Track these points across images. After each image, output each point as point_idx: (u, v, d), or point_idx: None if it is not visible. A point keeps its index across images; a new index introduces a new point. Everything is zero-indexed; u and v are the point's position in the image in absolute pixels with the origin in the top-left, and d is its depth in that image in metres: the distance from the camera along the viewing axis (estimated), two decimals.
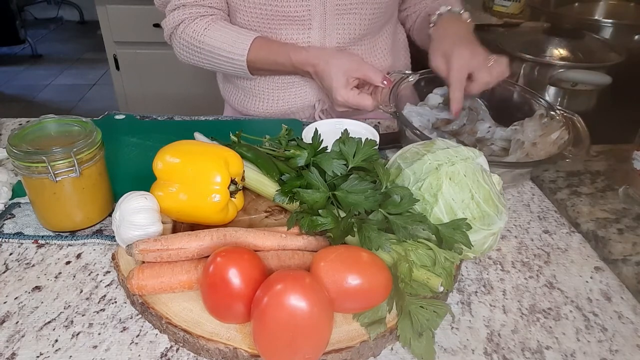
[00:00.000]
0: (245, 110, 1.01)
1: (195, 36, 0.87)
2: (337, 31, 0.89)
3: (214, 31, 0.86)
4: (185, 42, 0.89)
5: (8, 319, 0.51)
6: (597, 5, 1.56)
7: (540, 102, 0.81)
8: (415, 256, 0.50)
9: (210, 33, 0.86)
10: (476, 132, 0.79)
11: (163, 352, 0.48)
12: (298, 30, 0.88)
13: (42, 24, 4.42)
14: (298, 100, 0.95)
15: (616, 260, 0.61)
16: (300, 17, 0.86)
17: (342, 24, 0.89)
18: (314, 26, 0.87)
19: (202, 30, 0.87)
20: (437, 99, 0.86)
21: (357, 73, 0.80)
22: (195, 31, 0.87)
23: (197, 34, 0.87)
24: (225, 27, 0.87)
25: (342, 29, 0.89)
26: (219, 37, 0.86)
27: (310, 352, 0.43)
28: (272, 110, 0.97)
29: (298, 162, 0.61)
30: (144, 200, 0.54)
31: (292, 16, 0.85)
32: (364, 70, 0.80)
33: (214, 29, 0.87)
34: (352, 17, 0.89)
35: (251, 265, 0.46)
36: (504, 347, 0.50)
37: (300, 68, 0.85)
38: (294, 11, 0.85)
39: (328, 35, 0.89)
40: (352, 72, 0.80)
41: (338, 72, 0.80)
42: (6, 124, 0.91)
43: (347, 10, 0.87)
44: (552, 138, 0.71)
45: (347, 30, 0.90)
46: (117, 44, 2.05)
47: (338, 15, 0.87)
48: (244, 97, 0.99)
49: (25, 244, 0.61)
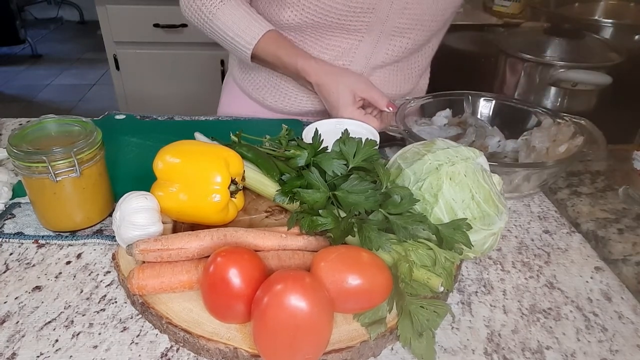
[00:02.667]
0: (264, 102, 0.98)
1: (207, 5, 0.84)
2: (386, 51, 0.88)
3: (228, 8, 0.83)
4: (195, 6, 0.85)
5: (8, 319, 0.51)
6: (597, 5, 1.56)
7: (543, 111, 0.82)
8: (416, 256, 0.50)
9: (224, 9, 0.83)
10: (487, 147, 0.80)
11: (163, 352, 0.48)
12: (348, 41, 0.86)
13: (42, 24, 4.42)
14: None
15: (616, 260, 0.61)
16: (355, 30, 0.84)
17: (392, 45, 0.87)
18: (365, 40, 0.86)
19: (217, 2, 0.83)
20: (442, 120, 0.87)
21: (364, 94, 0.79)
22: (211, 1, 0.83)
23: (212, 5, 0.83)
24: (241, 7, 0.84)
25: (392, 49, 0.88)
26: (232, 16, 0.83)
27: (311, 352, 0.43)
28: (295, 108, 0.96)
29: (298, 162, 0.61)
30: (144, 200, 0.54)
31: (349, 28, 0.83)
32: (370, 92, 0.79)
33: (230, 5, 0.83)
34: (405, 41, 0.87)
35: (251, 265, 0.46)
36: (504, 347, 0.50)
37: (303, 76, 0.83)
38: (352, 24, 0.83)
39: (376, 53, 0.88)
40: (360, 91, 0.79)
41: (345, 89, 0.79)
42: (6, 124, 0.91)
43: (402, 33, 0.86)
44: (565, 146, 0.72)
45: (395, 52, 0.88)
46: (117, 44, 2.05)
47: (392, 36, 0.86)
48: (269, 90, 0.97)
49: (26, 244, 0.61)
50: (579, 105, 1.18)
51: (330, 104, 0.82)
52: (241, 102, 1.03)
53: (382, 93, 0.80)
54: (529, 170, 0.69)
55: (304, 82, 0.86)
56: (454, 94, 0.88)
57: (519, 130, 0.82)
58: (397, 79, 0.95)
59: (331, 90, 0.81)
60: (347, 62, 0.88)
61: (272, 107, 0.98)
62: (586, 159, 0.70)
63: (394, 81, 0.95)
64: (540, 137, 0.76)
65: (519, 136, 0.81)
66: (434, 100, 0.88)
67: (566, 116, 0.78)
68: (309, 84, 0.84)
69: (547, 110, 0.82)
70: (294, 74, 0.86)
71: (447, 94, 0.88)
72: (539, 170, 0.69)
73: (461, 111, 0.87)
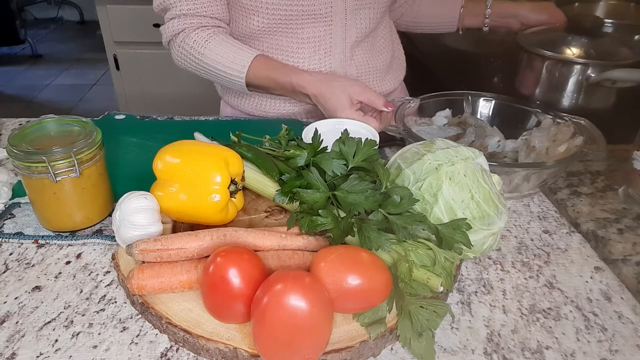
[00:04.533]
0: (245, 110, 1.01)
1: (195, 47, 0.87)
2: (356, 26, 0.91)
3: (214, 44, 0.86)
4: (184, 51, 0.89)
5: (8, 319, 0.51)
6: (597, 5, 1.55)
7: (543, 111, 0.82)
8: (415, 256, 0.50)
9: (210, 46, 0.86)
10: (487, 147, 0.80)
11: (163, 352, 0.48)
12: (319, 27, 0.89)
13: (42, 24, 4.42)
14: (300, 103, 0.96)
15: (616, 260, 0.61)
16: (322, 14, 0.87)
17: (359, 19, 0.91)
18: (334, 22, 0.89)
19: (203, 42, 0.86)
20: (442, 120, 0.87)
21: (360, 96, 0.80)
22: (196, 42, 0.87)
23: (198, 45, 0.87)
24: (226, 41, 0.87)
25: (360, 23, 0.92)
26: (220, 51, 0.86)
27: (310, 352, 0.43)
28: (273, 111, 0.98)
29: (298, 162, 0.61)
30: (144, 200, 0.54)
31: (316, 14, 0.87)
32: (366, 94, 0.80)
33: (215, 42, 0.86)
34: (368, 12, 0.92)
35: (251, 265, 0.46)
36: (504, 347, 0.50)
37: (300, 91, 0.85)
38: (317, 9, 0.86)
39: (348, 30, 0.91)
40: (356, 94, 0.80)
41: (342, 93, 0.80)
42: (6, 124, 0.92)
43: (364, 5, 0.90)
44: (565, 146, 0.71)
45: (363, 25, 0.92)
46: (117, 44, 2.05)
47: (356, 10, 0.90)
48: (243, 96, 0.99)
49: (26, 243, 0.61)
50: (597, 103, 1.16)
51: (328, 110, 0.83)
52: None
53: (378, 94, 0.81)
54: (529, 170, 0.69)
55: (302, 97, 0.88)
56: (454, 94, 0.88)
57: (518, 130, 0.82)
58: (375, 50, 0.99)
59: (328, 97, 0.82)
60: (328, 49, 0.91)
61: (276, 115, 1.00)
62: (586, 159, 0.70)
63: (374, 53, 0.98)
64: (540, 137, 0.76)
65: (519, 136, 0.81)
66: (434, 100, 0.88)
67: (566, 116, 0.78)
68: (307, 97, 0.86)
69: (547, 110, 0.82)
70: (290, 92, 0.88)
71: (447, 94, 0.89)
72: (539, 170, 0.69)
73: (461, 111, 0.87)
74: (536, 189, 0.74)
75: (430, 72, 1.34)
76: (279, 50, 0.91)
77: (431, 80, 1.27)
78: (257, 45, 0.92)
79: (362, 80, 0.97)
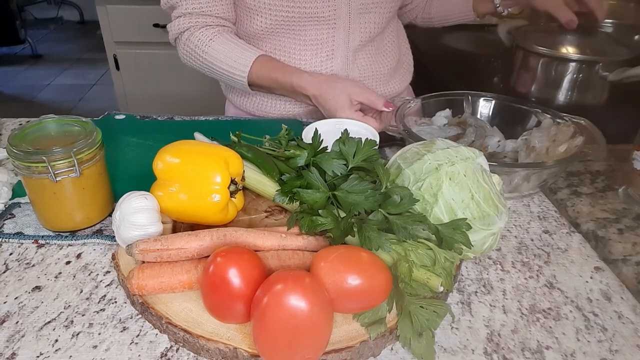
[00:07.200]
0: (248, 110, 1.01)
1: (199, 45, 0.88)
2: (360, 30, 0.91)
3: (218, 43, 0.87)
4: (189, 49, 0.90)
5: (8, 319, 0.51)
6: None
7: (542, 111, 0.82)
8: (415, 256, 0.50)
9: (214, 45, 0.87)
10: (487, 147, 0.80)
11: (163, 352, 0.48)
12: (322, 30, 0.89)
13: (42, 24, 4.42)
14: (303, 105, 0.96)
15: (616, 260, 0.61)
16: (325, 17, 0.87)
17: (364, 23, 0.91)
18: (338, 25, 0.89)
19: (207, 40, 0.87)
20: (442, 120, 0.87)
21: (360, 97, 0.80)
22: (201, 40, 0.87)
23: (202, 43, 0.87)
24: (231, 40, 0.88)
25: (364, 27, 0.91)
26: (223, 50, 0.87)
27: (310, 352, 0.43)
28: (275, 111, 0.98)
29: (298, 162, 0.61)
30: (144, 200, 0.54)
31: (319, 16, 0.86)
32: (366, 94, 0.80)
33: (219, 41, 0.87)
34: (373, 16, 0.91)
35: (251, 265, 0.46)
36: (504, 347, 0.50)
37: (300, 91, 0.85)
38: (320, 11, 0.86)
39: (351, 34, 0.91)
40: (355, 95, 0.80)
41: (341, 94, 0.80)
42: (6, 124, 0.92)
43: (369, 9, 0.90)
44: (565, 146, 0.71)
45: (368, 29, 0.92)
46: (117, 44, 2.05)
47: (360, 14, 0.90)
48: (246, 95, 0.99)
49: (26, 243, 0.61)
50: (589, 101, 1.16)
51: (328, 110, 0.83)
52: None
53: (378, 94, 0.81)
54: (529, 170, 0.69)
55: (302, 98, 0.88)
56: (454, 94, 0.88)
57: (518, 130, 0.82)
58: (379, 55, 0.98)
59: (328, 97, 0.82)
60: (330, 52, 0.91)
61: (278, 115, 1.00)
62: (586, 159, 0.70)
63: (378, 57, 0.98)
64: (540, 137, 0.76)
65: (519, 136, 0.81)
66: (434, 101, 0.88)
67: (566, 116, 0.78)
68: (307, 98, 0.86)
69: (547, 110, 0.82)
70: (291, 92, 0.88)
71: (447, 94, 0.89)
72: (539, 170, 0.69)
73: (461, 111, 0.87)
74: (536, 189, 0.74)
75: (430, 72, 1.34)
76: (281, 51, 0.91)
77: (431, 80, 1.27)
78: (260, 46, 0.92)
79: (365, 84, 0.97)
